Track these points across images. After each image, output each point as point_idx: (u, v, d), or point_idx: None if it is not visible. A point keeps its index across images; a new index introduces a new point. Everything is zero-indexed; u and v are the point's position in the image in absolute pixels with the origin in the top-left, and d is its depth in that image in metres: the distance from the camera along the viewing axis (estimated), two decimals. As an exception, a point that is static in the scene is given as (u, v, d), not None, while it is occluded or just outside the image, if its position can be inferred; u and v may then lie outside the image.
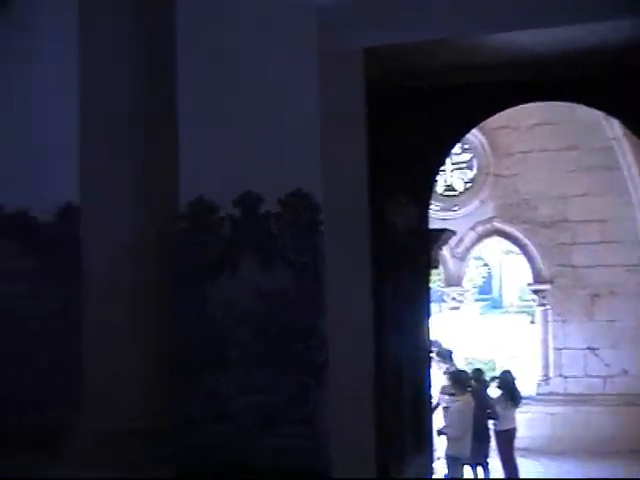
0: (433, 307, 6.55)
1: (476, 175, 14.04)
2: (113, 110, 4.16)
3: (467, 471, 10.01)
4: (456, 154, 13.64)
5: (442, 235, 5.74)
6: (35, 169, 4.91)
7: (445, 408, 10.10)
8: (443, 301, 14.40)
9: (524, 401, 11.41)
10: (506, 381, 10.78)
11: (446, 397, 10.17)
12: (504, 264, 24.16)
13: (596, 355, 13.34)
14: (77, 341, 4.56)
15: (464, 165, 14.17)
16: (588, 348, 13.37)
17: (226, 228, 4.27)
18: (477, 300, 20.85)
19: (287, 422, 4.19)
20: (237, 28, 4.22)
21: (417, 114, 4.58)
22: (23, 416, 4.89)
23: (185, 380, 4.25)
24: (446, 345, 12.02)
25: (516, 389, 10.82)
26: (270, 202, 4.18)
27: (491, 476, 10.51)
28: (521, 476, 10.59)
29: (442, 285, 14.29)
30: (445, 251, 12.77)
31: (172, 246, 4.16)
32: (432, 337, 5.99)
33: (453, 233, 6.82)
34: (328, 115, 3.99)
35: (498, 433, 10.49)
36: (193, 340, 4.22)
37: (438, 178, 9.78)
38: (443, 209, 13.64)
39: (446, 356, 11.32)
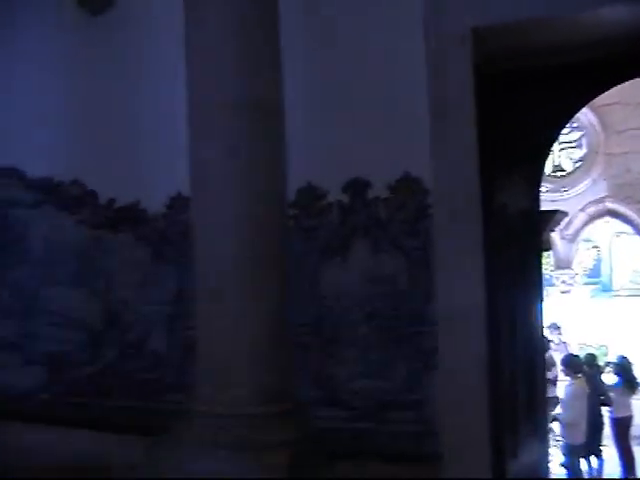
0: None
1: (586, 154, 13.66)
2: (220, 99, 4.25)
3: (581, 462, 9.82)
4: (564, 133, 13.30)
5: (554, 216, 5.64)
6: (145, 162, 5.15)
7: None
8: (553, 285, 14.11)
9: (641, 387, 11.08)
10: (623, 367, 10.47)
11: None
12: (614, 246, 23.37)
13: None
14: (189, 326, 4.77)
15: (573, 144, 13.81)
16: None
17: (334, 214, 4.37)
18: (586, 284, 20.28)
19: (398, 407, 4.25)
20: (344, 13, 4.29)
21: (525, 94, 4.51)
22: (141, 401, 5.16)
23: (299, 364, 4.38)
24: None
25: (633, 375, 10.51)
26: (378, 187, 4.24)
27: (605, 466, 10.28)
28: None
29: (552, 268, 14.01)
30: (554, 233, 12.52)
31: (282, 233, 4.27)
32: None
33: (565, 214, 6.71)
34: (437, 98, 4.00)
35: (613, 421, 10.24)
36: (307, 324, 4.35)
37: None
38: (551, 190, 13.35)
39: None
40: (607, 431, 10.34)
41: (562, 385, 10.19)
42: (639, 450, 10.70)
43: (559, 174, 13.87)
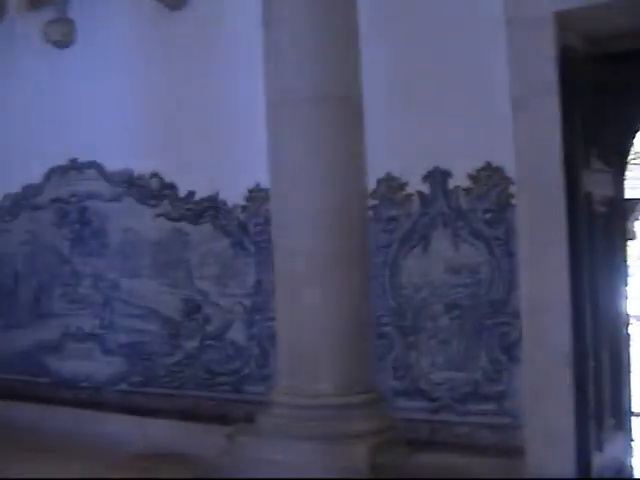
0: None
1: (671, 140, 13.32)
2: (299, 92, 4.35)
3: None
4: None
5: (638, 205, 5.60)
6: (224, 154, 5.31)
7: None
8: (635, 275, 13.84)
9: None
10: None
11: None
12: (700, 235, 22.65)
13: None
14: (269, 318, 4.92)
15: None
16: None
17: (415, 204, 4.44)
18: (669, 274, 19.73)
19: (479, 399, 4.30)
20: (424, 1, 4.35)
21: (611, 79, 4.48)
22: (221, 392, 5.33)
23: (379, 355, 4.48)
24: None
25: None
26: (459, 177, 4.29)
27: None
28: None
29: (634, 258, 13.74)
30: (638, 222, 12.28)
31: (362, 224, 4.36)
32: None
33: (650, 203, 6.61)
34: (519, 84, 4.02)
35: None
36: (388, 315, 4.45)
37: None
38: (633, 178, 13.08)
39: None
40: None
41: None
42: None
43: (642, 161, 13.56)
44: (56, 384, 6.41)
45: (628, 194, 5.52)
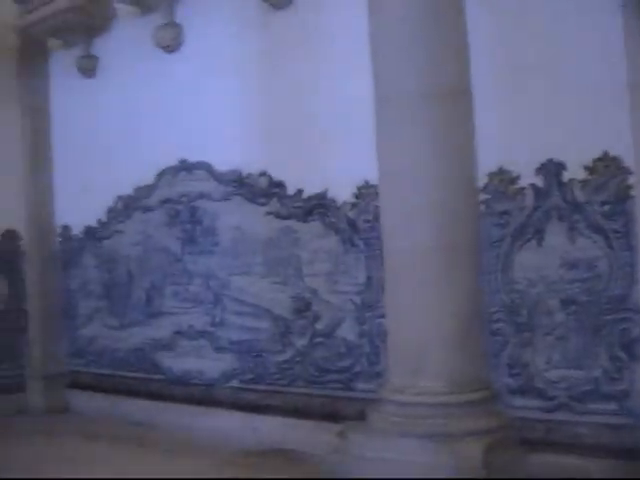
0: None
1: None
2: (408, 87, 4.41)
3: None
4: None
5: None
6: (332, 151, 5.42)
7: None
8: None
9: None
10: None
11: None
12: None
13: None
14: (380, 315, 5.01)
15: None
16: None
17: (528, 197, 4.43)
18: None
19: (598, 398, 4.24)
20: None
21: None
22: (331, 389, 5.44)
23: (492, 352, 4.49)
24: None
25: None
26: (574, 169, 4.25)
27: None
28: None
29: None
30: None
31: (473, 218, 4.38)
32: None
33: None
34: (636, 70, 3.96)
35: None
36: (501, 311, 4.46)
37: None
38: None
39: None
40: None
41: None
42: None
43: None
44: (168, 381, 6.69)
45: None
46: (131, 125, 7.07)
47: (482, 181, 4.55)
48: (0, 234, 7.78)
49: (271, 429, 5.73)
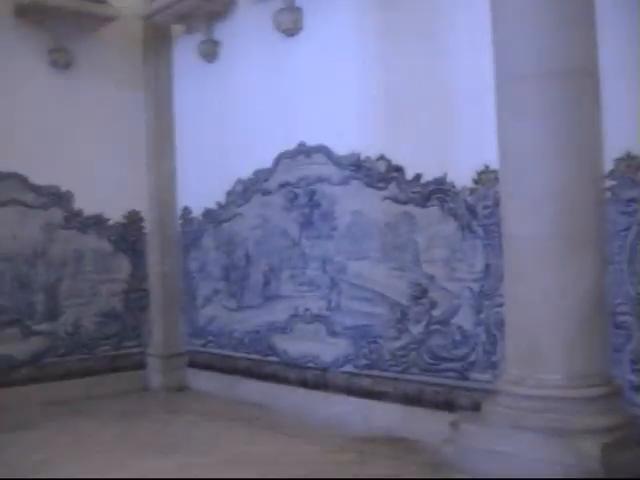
0: None
1: None
2: (531, 69, 4.32)
3: None
4: None
5: None
6: (452, 134, 5.41)
7: None
8: None
9: None
10: None
11: None
12: None
13: None
14: (498, 303, 4.97)
15: None
16: None
17: (658, 184, 4.30)
18: None
19: None
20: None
21: None
22: (446, 377, 5.44)
23: (616, 346, 4.38)
24: None
25: None
26: None
27: None
28: None
29: None
30: None
31: (597, 206, 4.28)
32: None
33: None
34: None
35: None
36: (625, 303, 4.35)
37: None
38: None
39: None
40: None
41: None
42: None
43: None
44: (284, 364, 6.86)
45: None
46: (251, 109, 7.25)
47: (608, 167, 4.43)
48: (124, 215, 8.14)
49: (384, 416, 5.80)
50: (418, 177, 5.64)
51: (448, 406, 5.33)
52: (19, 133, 7.45)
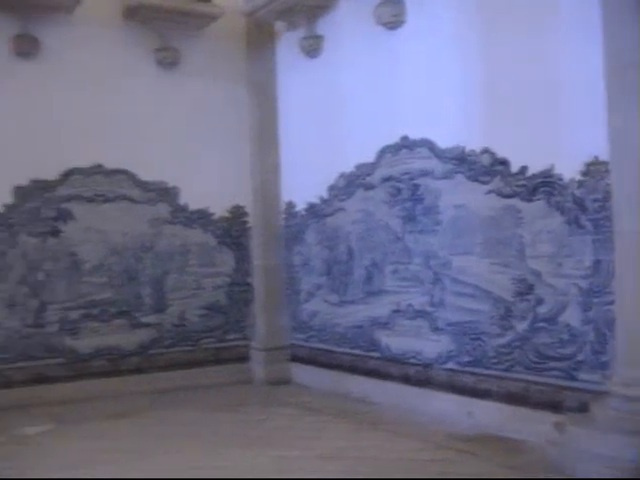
0: None
1: None
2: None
3: None
4: None
5: None
6: (558, 126, 5.23)
7: None
8: None
9: None
10: None
11: None
12: None
13: None
14: (608, 301, 4.79)
15: None
16: None
17: None
18: None
19: None
20: None
21: None
22: (552, 377, 5.28)
23: None
24: None
25: None
26: None
27: None
28: None
29: None
30: None
31: None
32: None
33: None
34: None
35: None
36: None
37: None
38: None
39: None
40: None
41: None
42: None
43: None
44: (385, 359, 6.82)
45: None
46: (353, 103, 7.22)
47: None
48: (228, 210, 8.26)
49: (486, 414, 5.69)
50: (523, 170, 5.49)
51: (553, 406, 5.18)
52: (127, 131, 7.69)
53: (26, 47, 7.22)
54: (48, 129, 7.28)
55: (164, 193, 7.91)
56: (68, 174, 7.46)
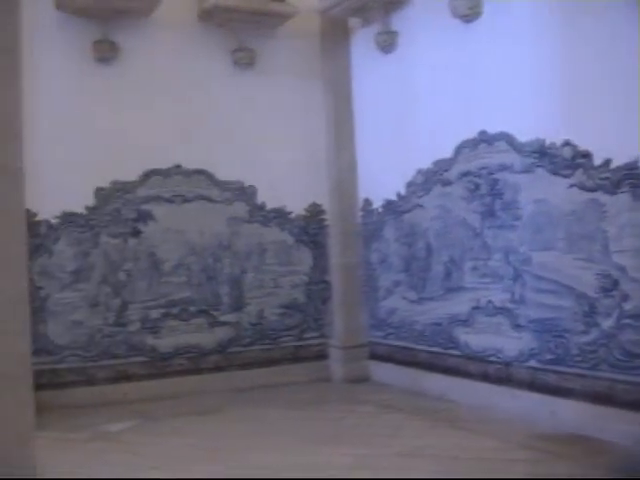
0: None
1: None
2: None
3: None
4: None
5: None
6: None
7: None
8: None
9: None
10: None
11: None
12: None
13: None
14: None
15: None
16: None
17: None
18: None
19: None
20: None
21: None
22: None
23: None
24: None
25: None
26: None
27: None
28: None
29: None
30: None
31: None
32: None
33: None
34: None
35: None
36: None
37: None
38: None
39: None
40: None
41: None
42: None
43: None
44: (465, 357, 6.73)
45: None
46: (430, 98, 7.15)
47: None
48: (305, 208, 8.28)
49: (570, 414, 5.55)
50: (607, 162, 5.33)
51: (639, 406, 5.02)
52: (205, 131, 7.78)
53: (106, 52, 7.37)
54: (128, 131, 7.42)
55: (241, 192, 7.97)
56: (148, 175, 7.58)
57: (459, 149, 6.79)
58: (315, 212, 8.34)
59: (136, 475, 4.82)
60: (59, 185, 7.06)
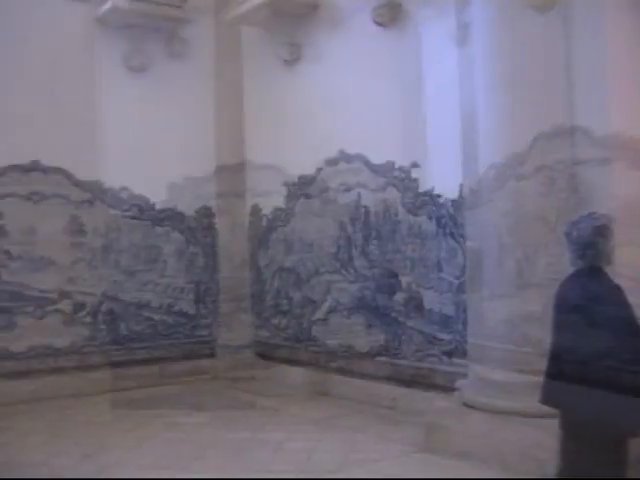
0: None
1: None
2: None
3: None
4: None
5: None
6: None
7: None
8: None
9: None
10: None
11: None
12: None
13: None
14: None
15: None
16: None
17: None
18: None
19: None
20: None
21: None
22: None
23: None
24: None
25: None
26: None
27: None
28: None
29: None
30: None
31: None
32: None
33: None
34: None
35: None
36: None
37: None
38: None
39: None
40: None
41: None
42: None
43: None
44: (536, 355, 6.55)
45: None
46: (499, 90, 7.02)
47: None
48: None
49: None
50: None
51: None
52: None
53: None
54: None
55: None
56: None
57: (534, 142, 6.60)
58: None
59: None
60: None
